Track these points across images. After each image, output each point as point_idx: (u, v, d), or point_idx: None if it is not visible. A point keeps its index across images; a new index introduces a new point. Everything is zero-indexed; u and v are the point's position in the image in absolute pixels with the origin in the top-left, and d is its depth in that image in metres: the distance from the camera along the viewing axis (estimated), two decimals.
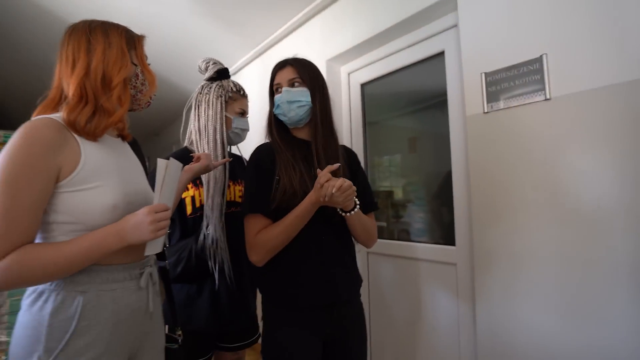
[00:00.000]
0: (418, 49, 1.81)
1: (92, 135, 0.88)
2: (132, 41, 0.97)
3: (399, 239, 1.98)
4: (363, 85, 2.16)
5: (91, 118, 0.88)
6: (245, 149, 1.61)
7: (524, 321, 1.28)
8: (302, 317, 1.12)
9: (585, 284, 1.13)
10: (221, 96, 1.44)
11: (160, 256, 1.17)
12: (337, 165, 1.07)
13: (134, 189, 0.96)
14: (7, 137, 2.09)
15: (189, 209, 1.38)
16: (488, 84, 1.38)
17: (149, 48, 1.03)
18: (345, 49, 2.08)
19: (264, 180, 1.16)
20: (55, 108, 0.90)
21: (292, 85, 1.21)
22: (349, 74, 2.22)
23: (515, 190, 1.31)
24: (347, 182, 1.02)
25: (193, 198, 1.39)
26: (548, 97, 1.21)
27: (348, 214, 1.12)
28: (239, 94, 1.50)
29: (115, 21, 0.99)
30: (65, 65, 0.89)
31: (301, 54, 2.13)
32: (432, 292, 1.71)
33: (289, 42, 2.61)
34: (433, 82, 1.78)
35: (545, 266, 1.22)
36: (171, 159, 0.93)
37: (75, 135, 0.86)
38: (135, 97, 0.99)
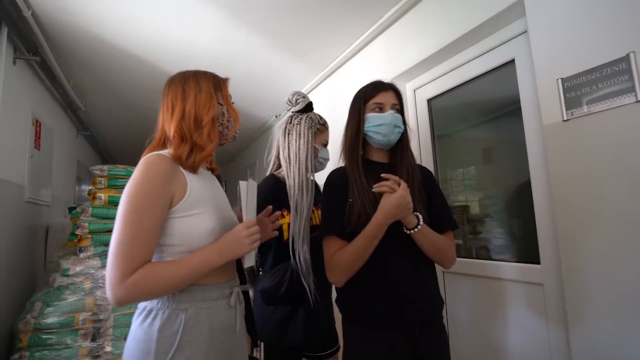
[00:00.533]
0: (485, 60, 1.75)
1: (192, 168, 1.02)
2: (218, 84, 1.11)
3: (477, 257, 1.88)
4: (429, 101, 2.12)
5: (190, 153, 1.02)
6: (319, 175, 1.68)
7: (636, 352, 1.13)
8: (380, 336, 1.12)
9: None
10: (312, 127, 1.54)
11: (241, 280, 1.26)
12: (395, 177, 1.13)
13: (226, 214, 1.08)
14: (110, 170, 2.39)
15: (285, 235, 1.49)
16: (566, 90, 1.28)
17: None
18: (409, 66, 2.07)
19: (337, 203, 1.20)
20: (161, 147, 1.07)
21: (395, 110, 1.25)
22: (414, 91, 2.21)
23: (607, 201, 1.18)
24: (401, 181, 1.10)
25: (290, 224, 1.48)
26: (639, 98, 1.10)
27: (412, 231, 1.11)
28: (324, 127, 1.61)
29: (196, 60, 1.13)
30: (166, 112, 1.06)
31: (366, 74, 2.18)
32: (517, 315, 1.59)
33: (354, 63, 2.67)
34: (504, 90, 1.70)
35: None
36: (249, 179, 1.05)
37: (182, 169, 1.01)
38: (222, 133, 1.12)
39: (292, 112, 1.62)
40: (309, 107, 1.61)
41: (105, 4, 2.01)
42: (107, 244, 2.26)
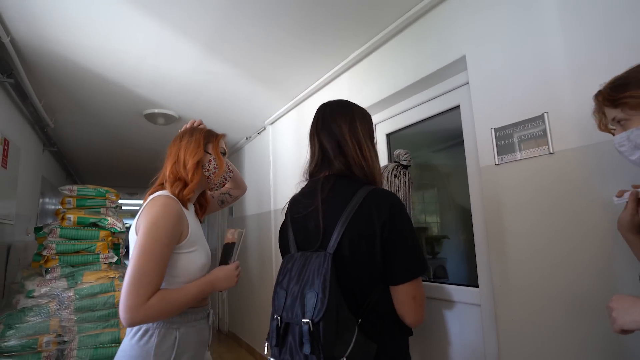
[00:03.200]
0: (436, 103, 1.97)
1: (182, 202, 1.21)
2: (209, 137, 1.33)
3: (435, 277, 2.07)
4: (388, 135, 2.33)
5: (181, 190, 1.22)
6: None
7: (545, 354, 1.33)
8: None
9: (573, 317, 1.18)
10: (412, 183, 1.81)
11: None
12: None
13: (209, 250, 1.31)
14: (80, 191, 2.44)
15: None
16: (498, 139, 1.50)
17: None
18: (370, 103, 2.28)
19: None
20: (159, 187, 1.26)
21: None
22: (375, 125, 2.41)
23: (526, 236, 1.39)
24: None
25: None
26: (551, 151, 1.32)
27: None
28: None
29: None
30: (167, 158, 1.29)
31: None
32: (457, 333, 1.76)
33: (321, 95, 2.86)
34: (457, 124, 1.86)
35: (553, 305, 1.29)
36: (242, 229, 1.36)
37: (183, 210, 1.20)
38: (209, 178, 1.31)
39: (394, 162, 1.85)
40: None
41: (85, 33, 2.10)
42: (74, 265, 2.28)
